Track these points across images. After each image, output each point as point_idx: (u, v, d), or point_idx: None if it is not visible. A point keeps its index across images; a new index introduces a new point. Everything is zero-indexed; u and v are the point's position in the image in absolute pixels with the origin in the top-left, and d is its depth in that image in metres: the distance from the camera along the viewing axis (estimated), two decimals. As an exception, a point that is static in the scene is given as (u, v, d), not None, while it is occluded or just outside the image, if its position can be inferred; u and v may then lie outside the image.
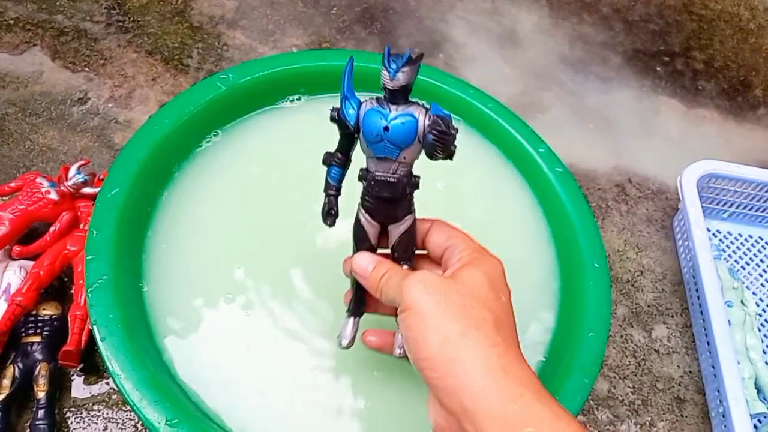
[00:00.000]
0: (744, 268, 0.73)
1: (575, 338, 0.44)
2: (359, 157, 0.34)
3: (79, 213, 0.57)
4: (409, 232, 0.35)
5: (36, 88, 0.70)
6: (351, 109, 0.32)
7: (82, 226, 0.57)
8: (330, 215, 0.35)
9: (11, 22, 0.75)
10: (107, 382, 0.52)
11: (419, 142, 0.32)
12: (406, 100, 0.32)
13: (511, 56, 0.88)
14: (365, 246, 0.35)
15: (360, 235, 0.35)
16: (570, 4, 0.98)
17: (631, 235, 0.73)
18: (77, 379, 0.52)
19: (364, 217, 0.35)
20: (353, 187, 0.35)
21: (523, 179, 0.54)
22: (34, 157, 0.65)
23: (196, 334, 0.41)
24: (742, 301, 0.67)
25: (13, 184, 0.57)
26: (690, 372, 0.64)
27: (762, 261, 0.74)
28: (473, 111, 0.55)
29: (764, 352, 0.64)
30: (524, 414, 0.27)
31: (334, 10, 0.87)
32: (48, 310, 0.53)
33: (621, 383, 0.62)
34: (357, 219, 0.35)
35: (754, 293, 0.71)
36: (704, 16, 1.02)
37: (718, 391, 0.59)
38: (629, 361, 0.64)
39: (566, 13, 0.97)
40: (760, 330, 0.67)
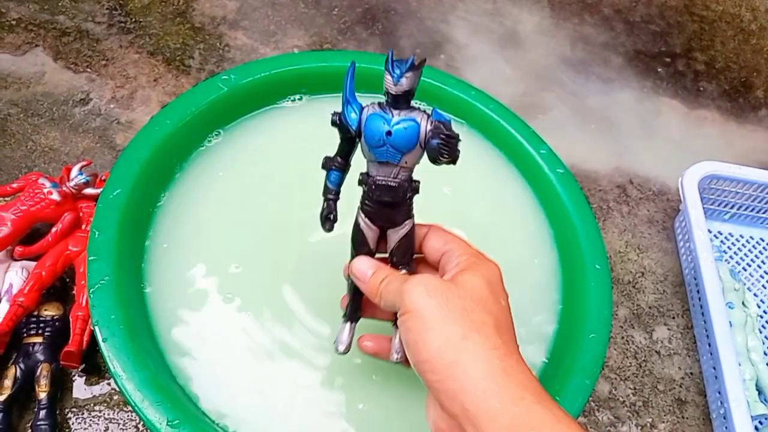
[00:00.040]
0: (745, 270, 0.73)
1: (576, 339, 0.44)
2: (357, 162, 0.35)
3: (81, 214, 0.58)
4: (408, 237, 0.35)
5: (38, 89, 0.70)
6: (353, 114, 0.32)
7: (84, 226, 0.57)
8: (328, 220, 0.35)
9: (13, 22, 0.75)
10: (108, 383, 0.52)
11: (421, 147, 0.32)
12: (408, 105, 0.32)
13: (513, 57, 0.88)
14: (364, 250, 0.35)
15: (359, 240, 0.35)
16: (571, 5, 0.98)
17: (632, 237, 0.73)
18: (79, 380, 0.52)
19: (364, 222, 0.35)
20: (352, 191, 0.35)
21: (525, 180, 0.54)
22: (36, 158, 0.65)
23: (197, 335, 0.41)
24: (743, 303, 0.67)
25: (15, 185, 0.57)
26: (691, 373, 0.64)
27: (763, 262, 0.74)
28: (474, 112, 0.55)
29: (765, 354, 0.64)
30: (525, 417, 0.27)
31: (336, 11, 0.87)
32: (50, 311, 0.53)
33: (622, 384, 0.62)
34: (356, 223, 0.35)
35: (756, 294, 0.71)
36: (705, 17, 1.02)
37: (719, 392, 0.59)
38: (630, 363, 0.64)
39: (567, 13, 0.97)
40: (761, 331, 0.67)
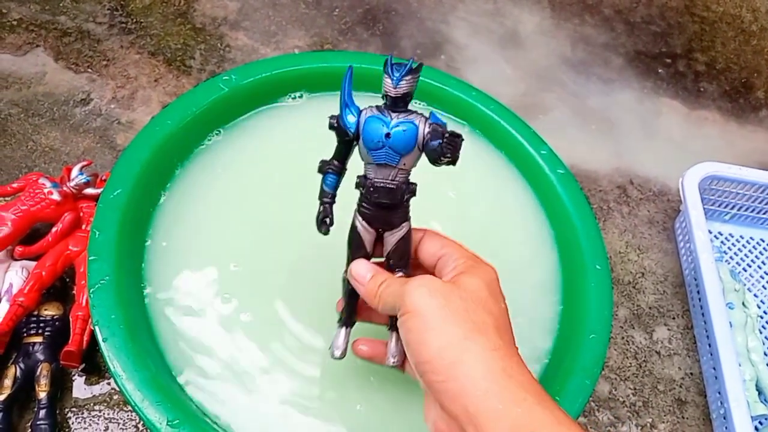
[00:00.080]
0: (745, 270, 0.73)
1: (576, 340, 0.44)
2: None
3: (82, 214, 0.58)
4: (405, 239, 0.35)
5: (39, 89, 0.70)
6: (351, 117, 0.33)
7: (84, 226, 0.57)
8: (324, 223, 0.35)
9: (14, 23, 0.75)
10: (108, 383, 0.52)
11: (419, 150, 0.32)
12: (406, 107, 0.32)
13: (513, 57, 0.88)
14: (361, 254, 0.35)
15: (356, 243, 0.35)
16: (572, 6, 0.98)
17: (632, 237, 0.73)
18: (78, 380, 0.52)
19: (361, 224, 0.35)
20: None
21: (525, 181, 0.54)
22: (36, 158, 0.65)
23: (197, 335, 0.41)
24: (743, 303, 0.67)
25: (15, 185, 0.57)
26: (691, 374, 0.64)
27: (764, 263, 0.74)
28: (475, 113, 0.55)
29: (765, 354, 0.64)
30: (527, 418, 0.27)
31: (336, 11, 0.87)
32: (50, 311, 0.53)
33: (622, 385, 0.62)
34: (353, 226, 0.35)
35: (756, 295, 0.71)
36: (706, 18, 1.02)
37: (719, 392, 0.59)
38: (630, 363, 0.64)
39: (568, 14, 0.97)
40: (761, 332, 0.67)
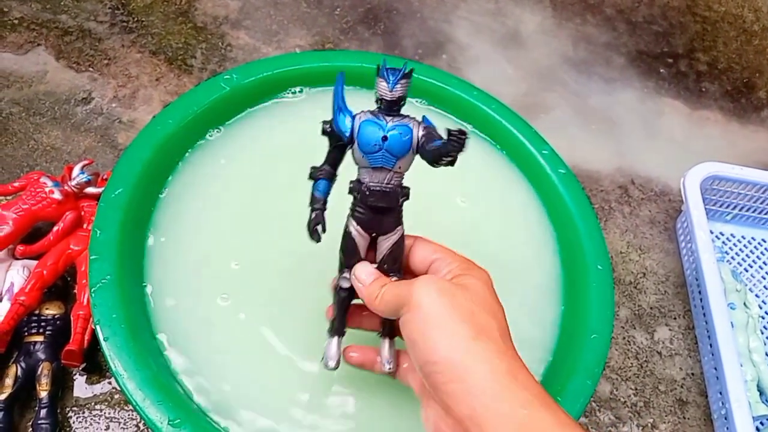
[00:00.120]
0: (747, 271, 0.72)
1: (578, 340, 0.44)
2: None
3: (83, 213, 0.58)
4: (399, 244, 0.35)
5: (40, 88, 0.70)
6: (346, 120, 0.33)
7: (85, 225, 0.57)
8: (316, 231, 0.35)
9: (16, 21, 0.75)
10: (109, 382, 0.52)
11: (413, 152, 0.33)
12: (399, 111, 0.33)
13: (515, 57, 0.88)
14: (355, 259, 0.35)
15: (350, 248, 0.35)
16: (573, 5, 0.98)
17: (634, 237, 0.73)
18: (79, 379, 0.52)
19: (356, 230, 0.34)
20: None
21: (526, 180, 0.54)
22: (37, 157, 0.65)
23: (198, 334, 0.41)
24: (744, 304, 0.67)
25: (16, 184, 0.57)
26: (692, 374, 0.64)
27: (765, 263, 0.73)
28: (477, 112, 0.55)
29: (767, 355, 0.64)
30: (532, 420, 0.27)
31: (338, 10, 0.87)
32: (51, 310, 0.53)
33: (623, 385, 0.62)
34: (347, 232, 0.35)
35: (757, 295, 0.71)
36: (708, 18, 1.02)
37: (720, 393, 0.59)
38: (632, 363, 0.64)
39: (570, 13, 0.97)
40: (762, 332, 0.67)
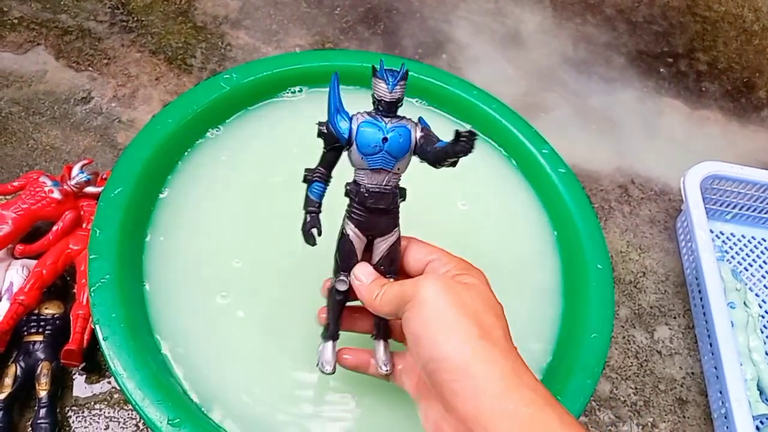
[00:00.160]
0: (747, 270, 0.72)
1: (578, 339, 0.44)
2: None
3: (82, 212, 0.58)
4: (396, 245, 0.35)
5: (39, 87, 0.70)
6: (343, 122, 0.32)
7: (84, 225, 0.57)
8: (312, 234, 0.34)
9: (15, 21, 0.75)
10: (109, 381, 0.52)
11: (411, 154, 0.33)
12: (396, 113, 0.33)
13: (515, 57, 0.88)
14: (353, 262, 0.35)
15: (347, 251, 0.35)
16: (573, 5, 0.98)
17: (633, 237, 0.73)
18: (79, 378, 0.52)
19: (353, 232, 0.34)
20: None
21: (526, 180, 0.54)
22: (37, 156, 0.65)
23: (198, 333, 0.41)
24: (744, 303, 0.66)
25: (16, 183, 0.57)
26: (692, 373, 0.64)
27: (765, 262, 0.73)
28: (477, 112, 0.55)
29: (767, 354, 0.64)
30: (536, 419, 0.27)
31: (338, 10, 0.87)
32: (50, 309, 0.53)
33: (623, 384, 0.62)
34: (344, 234, 0.35)
35: (757, 295, 0.71)
36: (708, 18, 1.02)
37: (720, 392, 0.59)
38: (631, 362, 0.63)
39: (570, 13, 0.97)
40: (762, 332, 0.67)
